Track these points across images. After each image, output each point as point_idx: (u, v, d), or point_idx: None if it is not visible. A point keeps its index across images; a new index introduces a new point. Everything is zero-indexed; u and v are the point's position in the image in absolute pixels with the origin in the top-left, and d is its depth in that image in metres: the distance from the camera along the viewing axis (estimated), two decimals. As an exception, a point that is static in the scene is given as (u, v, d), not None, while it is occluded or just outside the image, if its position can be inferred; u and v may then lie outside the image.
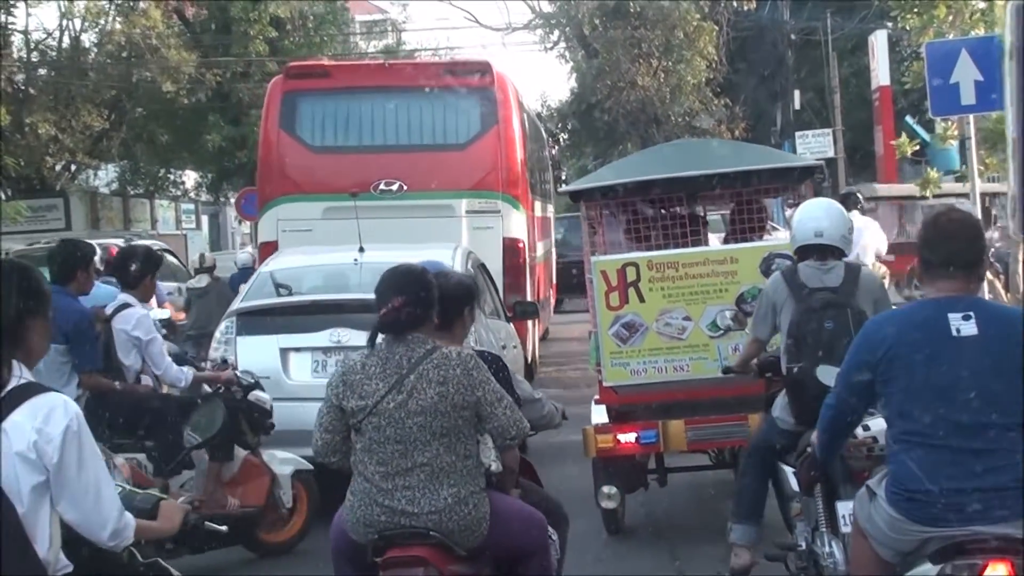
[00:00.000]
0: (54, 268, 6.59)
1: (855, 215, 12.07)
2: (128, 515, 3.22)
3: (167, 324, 10.50)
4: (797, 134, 28.23)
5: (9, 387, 3.03)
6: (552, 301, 17.68)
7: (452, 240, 10.62)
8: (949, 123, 12.03)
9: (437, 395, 4.09)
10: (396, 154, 12.45)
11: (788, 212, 7.98)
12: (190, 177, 35.21)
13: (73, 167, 29.33)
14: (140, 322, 6.73)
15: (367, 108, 12.79)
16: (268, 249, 11.70)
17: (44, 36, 28.97)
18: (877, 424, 4.49)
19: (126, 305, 6.75)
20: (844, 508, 4.78)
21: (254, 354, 7.85)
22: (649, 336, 6.83)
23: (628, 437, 6.86)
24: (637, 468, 7.40)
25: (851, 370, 3.97)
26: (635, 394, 7.03)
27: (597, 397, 7.32)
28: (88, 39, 29.46)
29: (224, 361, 7.52)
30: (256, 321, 8.10)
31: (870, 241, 12.16)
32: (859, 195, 13.18)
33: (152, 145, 30.57)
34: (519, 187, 12.75)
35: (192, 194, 36.38)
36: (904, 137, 13.76)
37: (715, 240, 8.20)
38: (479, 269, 9.43)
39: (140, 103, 29.03)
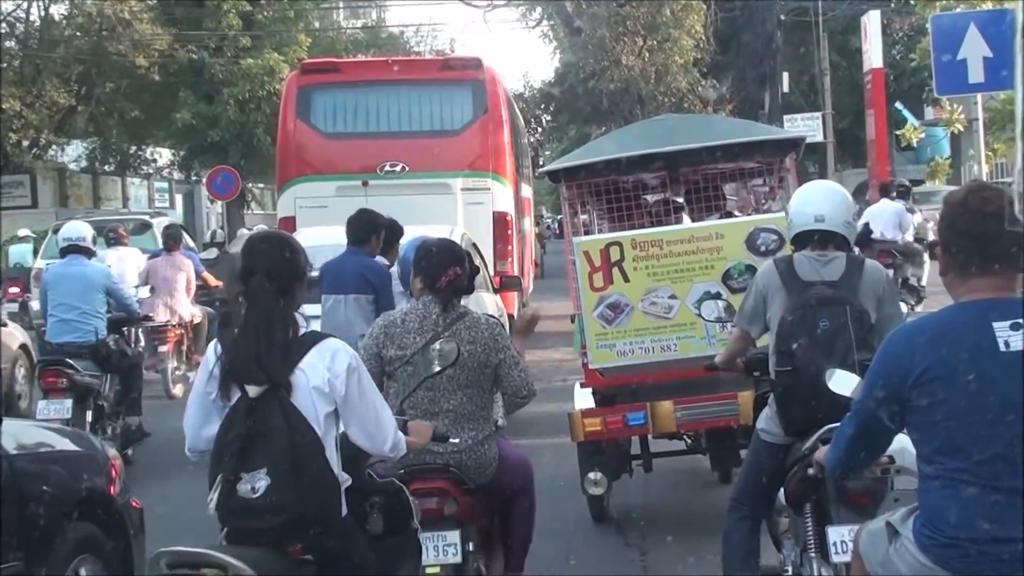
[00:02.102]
0: (354, 232, 7.75)
1: (898, 201, 12.28)
2: (400, 432, 3.98)
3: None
4: (786, 117, 27.84)
5: (300, 334, 3.74)
6: (532, 273, 18.98)
7: (450, 213, 12.42)
8: (953, 106, 11.60)
9: (467, 352, 4.71)
10: (399, 139, 14.09)
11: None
12: (163, 155, 34.58)
13: (41, 143, 28.65)
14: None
15: (373, 99, 14.40)
16: (286, 224, 13.22)
17: (12, 7, 28.30)
18: (895, 442, 3.70)
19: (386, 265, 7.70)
20: (836, 534, 4.32)
21: None
22: (635, 316, 6.58)
23: (616, 419, 6.68)
24: (622, 453, 7.25)
25: (874, 399, 3.29)
26: (622, 376, 6.82)
27: (582, 380, 7.14)
28: (58, 11, 28.83)
29: None
30: None
31: (890, 220, 12.42)
32: (905, 184, 13.64)
33: (122, 121, 29.94)
34: (506, 167, 14.27)
35: (165, 172, 35.73)
36: (909, 125, 13.49)
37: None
38: (472, 248, 9.93)
39: (110, 78, 28.40)
